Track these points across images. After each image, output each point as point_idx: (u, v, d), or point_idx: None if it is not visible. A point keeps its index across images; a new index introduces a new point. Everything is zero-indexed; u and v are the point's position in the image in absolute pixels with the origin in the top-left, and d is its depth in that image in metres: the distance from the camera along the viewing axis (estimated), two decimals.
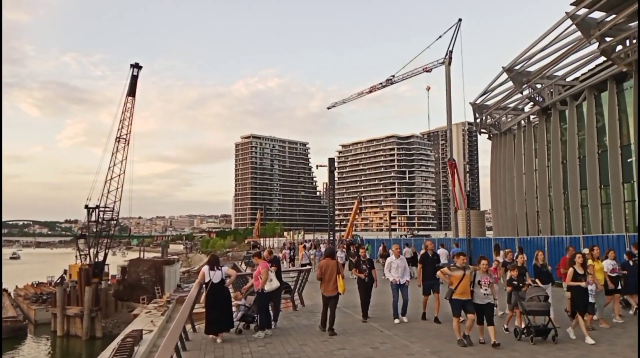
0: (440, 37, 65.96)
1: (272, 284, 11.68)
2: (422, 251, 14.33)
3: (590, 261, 12.16)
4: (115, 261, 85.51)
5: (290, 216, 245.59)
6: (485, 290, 10.07)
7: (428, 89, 75.38)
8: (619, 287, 13.06)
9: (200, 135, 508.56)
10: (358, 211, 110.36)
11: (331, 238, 36.11)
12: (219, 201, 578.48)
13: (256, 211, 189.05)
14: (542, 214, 41.02)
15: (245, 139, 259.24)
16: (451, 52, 61.06)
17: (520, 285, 10.95)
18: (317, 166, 69.13)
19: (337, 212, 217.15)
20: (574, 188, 36.36)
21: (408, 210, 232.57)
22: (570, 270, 11.09)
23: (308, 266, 23.00)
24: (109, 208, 61.43)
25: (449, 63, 60.84)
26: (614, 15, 27.27)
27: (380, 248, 35.65)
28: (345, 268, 22.18)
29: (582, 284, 10.84)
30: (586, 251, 13.78)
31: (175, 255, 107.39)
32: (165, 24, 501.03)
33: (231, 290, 12.25)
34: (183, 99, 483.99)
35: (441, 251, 26.33)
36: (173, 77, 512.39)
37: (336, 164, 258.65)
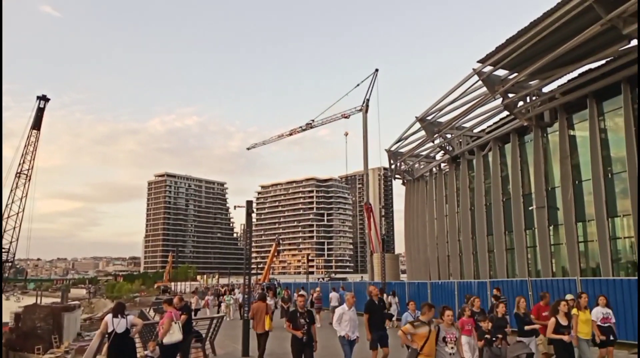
0: (358, 85, 68.46)
1: (172, 337, 10.97)
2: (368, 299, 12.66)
3: (574, 311, 10.87)
4: (9, 307, 78.03)
5: (205, 259, 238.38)
6: (452, 348, 8.04)
7: (346, 134, 77.42)
8: (612, 338, 11.46)
9: (111, 172, 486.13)
10: (276, 254, 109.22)
11: (247, 282, 35.04)
12: (127, 243, 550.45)
13: (168, 253, 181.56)
14: (452, 258, 42.55)
15: (159, 178, 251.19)
16: (368, 100, 63.38)
17: (494, 338, 9.35)
18: (235, 207, 67.94)
19: (254, 254, 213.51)
20: (481, 233, 38.17)
21: (326, 253, 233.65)
22: (552, 320, 9.75)
23: (222, 314, 22.04)
24: (4, 249, 56.45)
25: (366, 111, 63.01)
26: (515, 74, 29.63)
27: (284, 291, 35.21)
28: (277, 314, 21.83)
29: (565, 338, 9.59)
30: (569, 297, 12.56)
31: (77, 300, 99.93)
32: (77, 55, 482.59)
33: (137, 341, 11.37)
34: (93, 134, 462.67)
35: (333, 295, 26.40)
36: (83, 111, 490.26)
37: (255, 205, 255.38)
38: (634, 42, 24.33)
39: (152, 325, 16.08)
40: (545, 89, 31.28)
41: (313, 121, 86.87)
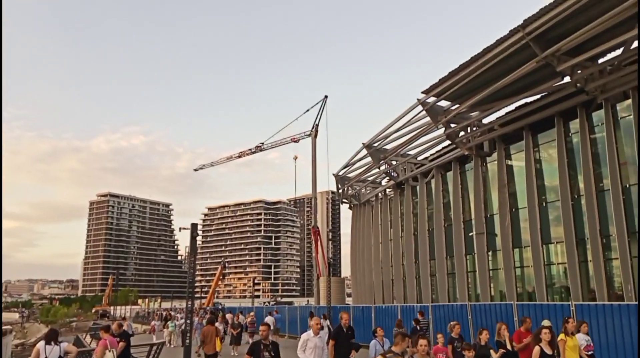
0: (307, 111, 69.16)
1: None
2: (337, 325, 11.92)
3: (562, 336, 10.29)
4: None
5: (147, 282, 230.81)
6: None
7: (295, 158, 77.71)
8: None
9: (51, 191, 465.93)
10: (221, 277, 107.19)
11: (189, 306, 34.21)
12: (65, 265, 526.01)
13: (108, 276, 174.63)
14: (396, 282, 43.19)
15: (101, 198, 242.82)
16: (317, 125, 64.15)
17: None
18: (180, 229, 66.21)
19: (199, 278, 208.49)
20: (424, 258, 39.03)
21: (273, 276, 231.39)
22: (537, 349, 9.21)
23: (161, 340, 21.46)
24: None
25: (315, 135, 63.69)
26: (457, 105, 30.92)
27: (235, 317, 34.68)
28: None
29: None
30: (546, 323, 11.84)
31: (9, 325, 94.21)
32: (19, 70, 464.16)
33: None
34: (33, 151, 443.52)
35: (268, 319, 26.45)
36: (23, 127, 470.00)
37: (201, 227, 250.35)
38: (567, 79, 26.01)
39: (87, 352, 15.48)
40: (485, 121, 32.81)
41: (263, 143, 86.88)
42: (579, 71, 24.88)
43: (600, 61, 24.72)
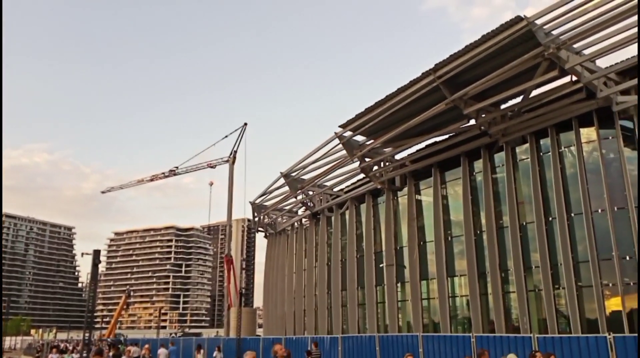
0: (226, 136, 68.54)
1: None
2: None
3: None
4: None
5: (43, 311, 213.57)
6: None
7: (211, 184, 76.65)
8: None
9: None
10: (125, 307, 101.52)
11: (87, 337, 32.08)
12: None
13: None
14: (308, 313, 43.13)
15: None
16: (235, 152, 63.72)
17: None
18: (82, 254, 62.32)
19: (100, 307, 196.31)
20: (336, 288, 39.40)
21: (181, 306, 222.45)
22: None
23: None
24: None
25: (233, 162, 63.15)
26: (372, 141, 32.03)
27: (145, 349, 32.91)
28: None
29: None
30: (512, 357, 11.72)
31: None
32: None
33: None
34: None
35: (161, 351, 25.57)
36: None
37: (106, 253, 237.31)
38: (473, 122, 27.85)
39: None
40: (397, 157, 34.24)
41: (177, 168, 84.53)
42: (484, 115, 26.78)
43: (503, 106, 26.79)
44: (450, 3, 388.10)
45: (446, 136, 30.70)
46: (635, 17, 19.80)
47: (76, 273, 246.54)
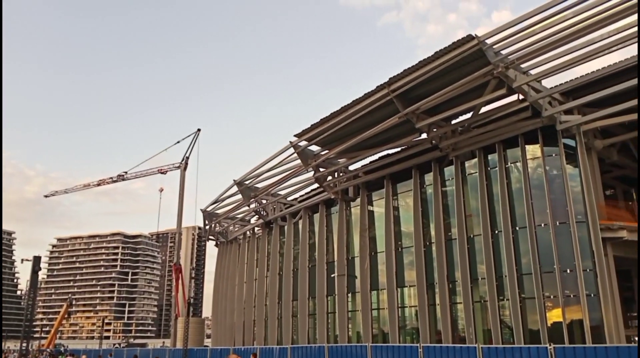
0: (178, 142, 67.06)
1: None
2: None
3: None
4: None
5: None
6: None
7: (161, 190, 74.57)
8: None
9: None
10: (66, 316, 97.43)
11: (24, 347, 30.64)
12: None
13: None
14: (258, 323, 42.66)
15: None
16: (188, 158, 62.50)
17: None
18: (22, 261, 59.49)
19: (40, 316, 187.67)
20: (287, 298, 39.19)
21: (126, 315, 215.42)
22: None
23: None
24: None
25: (185, 168, 61.93)
26: (327, 151, 32.22)
27: None
28: None
29: None
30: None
31: None
32: None
33: None
34: None
35: None
36: None
37: (48, 259, 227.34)
38: (424, 136, 28.48)
39: None
40: (351, 168, 34.57)
41: (126, 172, 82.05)
42: (435, 129, 27.47)
43: (453, 122, 27.57)
44: (406, 19, 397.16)
45: (399, 149, 31.29)
46: (578, 42, 20.87)
47: (15, 280, 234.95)
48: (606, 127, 25.01)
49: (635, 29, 19.74)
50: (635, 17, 19.36)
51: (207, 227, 51.29)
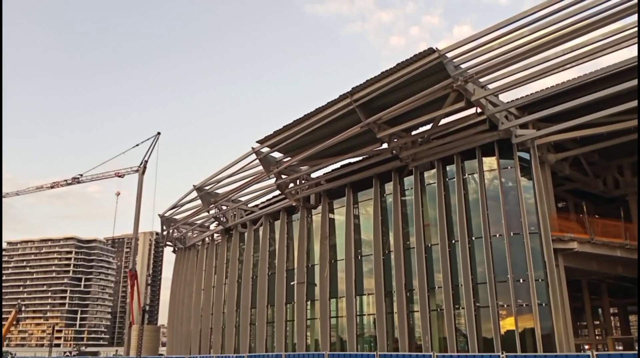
0: (137, 145, 65.46)
1: None
2: None
3: None
4: None
5: None
6: None
7: (118, 194, 72.64)
8: None
9: None
10: (15, 323, 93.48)
11: None
12: None
13: None
14: (215, 331, 42.02)
15: None
16: (146, 161, 61.18)
17: None
18: None
19: None
20: (245, 306, 38.78)
21: (78, 322, 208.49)
22: None
23: None
24: None
25: (143, 172, 60.59)
26: (289, 158, 32.20)
27: None
28: None
29: None
30: None
31: None
32: None
33: None
34: None
35: None
36: None
37: None
38: (385, 146, 28.83)
39: None
40: (313, 175, 34.64)
41: (82, 175, 79.62)
42: (395, 140, 27.88)
43: (414, 133, 28.04)
44: (370, 30, 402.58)
45: (360, 158, 31.56)
46: (534, 58, 21.63)
47: None
48: (559, 142, 25.95)
49: (587, 48, 20.63)
50: (588, 36, 20.23)
51: (165, 233, 50.35)
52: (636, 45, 20.05)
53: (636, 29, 19.39)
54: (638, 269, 24.89)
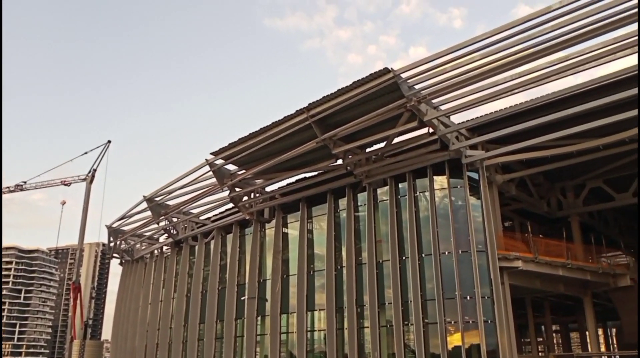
0: (86, 153, 63.63)
1: None
2: None
3: None
4: None
5: None
6: None
7: (63, 203, 70.17)
8: None
9: None
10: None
11: None
12: None
13: None
14: (161, 347, 40.86)
15: None
16: (95, 170, 59.48)
17: None
18: None
19: None
20: (194, 321, 37.89)
21: (17, 336, 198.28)
22: None
23: None
24: None
25: (91, 181, 58.84)
26: (244, 171, 31.96)
27: None
28: None
29: None
30: None
31: None
32: None
33: None
34: None
35: None
36: None
37: None
38: (340, 162, 29.08)
39: None
40: (268, 189, 34.47)
41: (25, 182, 76.47)
42: (350, 156, 28.17)
43: (368, 150, 28.43)
44: (328, 47, 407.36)
45: (315, 173, 31.67)
46: (485, 82, 22.40)
47: None
48: (507, 163, 26.86)
49: (534, 74, 21.56)
50: (535, 63, 21.16)
51: (112, 244, 48.79)
52: (581, 72, 21.20)
53: (581, 57, 20.45)
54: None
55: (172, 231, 42.55)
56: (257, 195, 34.88)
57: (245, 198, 34.99)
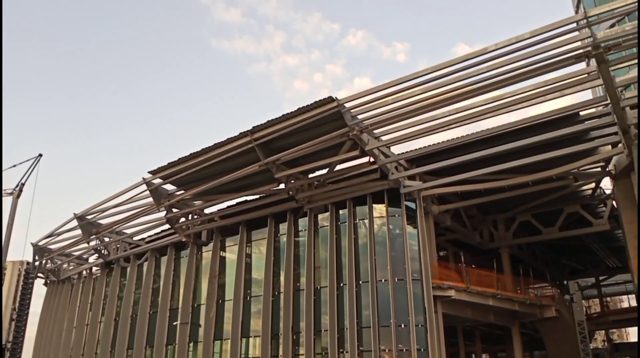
0: (14, 166, 60.32)
1: None
2: None
3: None
4: None
5: None
6: None
7: None
8: None
9: None
10: None
11: None
12: None
13: None
14: None
15: None
16: (23, 184, 56.38)
17: None
18: None
19: None
20: (121, 346, 36.13)
21: None
22: None
23: None
24: None
25: (18, 195, 55.66)
26: (182, 191, 31.24)
27: None
28: None
29: None
30: None
31: None
32: None
33: None
34: None
35: None
36: None
37: None
38: (282, 186, 29.04)
39: None
40: (207, 211, 33.79)
41: None
42: (292, 181, 28.21)
43: (310, 176, 28.58)
44: (275, 72, 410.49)
45: (256, 196, 31.43)
46: (424, 115, 23.19)
47: None
48: (443, 194, 27.76)
49: (471, 110, 22.56)
50: (472, 100, 22.15)
51: (37, 263, 46.06)
52: (514, 111, 22.41)
53: (515, 96, 21.64)
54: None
55: (103, 251, 40.71)
56: (196, 217, 34.14)
57: (183, 219, 34.10)
